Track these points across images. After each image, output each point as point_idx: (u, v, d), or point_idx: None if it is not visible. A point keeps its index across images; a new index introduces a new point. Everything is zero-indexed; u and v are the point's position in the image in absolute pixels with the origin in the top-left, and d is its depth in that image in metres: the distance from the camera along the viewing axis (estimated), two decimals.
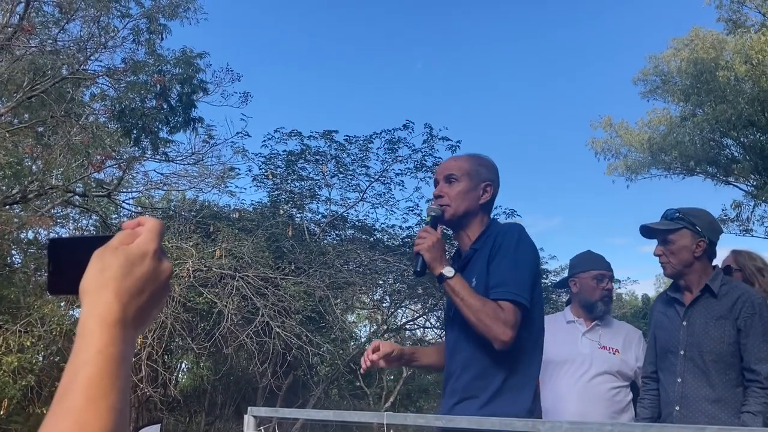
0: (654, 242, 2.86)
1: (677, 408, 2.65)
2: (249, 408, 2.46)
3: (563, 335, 3.27)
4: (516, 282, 2.12)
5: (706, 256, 2.75)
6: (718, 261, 3.71)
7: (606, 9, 43.03)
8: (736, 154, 17.29)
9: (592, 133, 20.22)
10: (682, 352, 2.70)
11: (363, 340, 14.18)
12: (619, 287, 17.05)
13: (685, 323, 2.73)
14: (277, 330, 8.14)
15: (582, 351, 3.24)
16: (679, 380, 2.68)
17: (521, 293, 2.09)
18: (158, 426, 8.36)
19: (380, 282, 11.11)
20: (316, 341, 8.55)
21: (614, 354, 3.20)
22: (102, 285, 0.70)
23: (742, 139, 16.55)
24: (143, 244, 0.75)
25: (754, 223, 17.66)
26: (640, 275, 26.37)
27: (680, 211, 2.78)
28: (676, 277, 2.81)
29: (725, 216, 17.80)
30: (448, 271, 2.15)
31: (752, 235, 17.79)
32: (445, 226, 2.46)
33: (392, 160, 10.72)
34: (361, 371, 2.47)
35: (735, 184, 17.91)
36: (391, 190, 11.04)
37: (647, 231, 2.84)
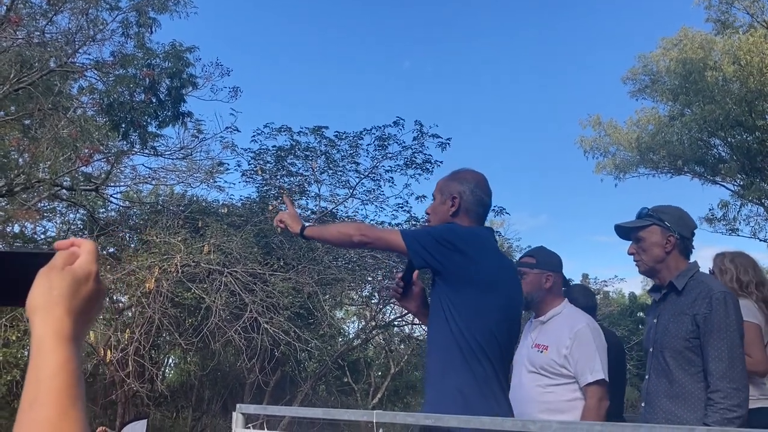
0: None
1: (643, 404, 2.71)
2: (237, 405, 2.45)
3: (521, 337, 3.31)
4: (416, 230, 2.38)
5: (678, 251, 2.75)
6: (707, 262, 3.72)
7: (596, 8, 43.15)
8: (723, 154, 17.39)
9: (581, 132, 20.30)
10: (650, 350, 2.74)
11: (351, 336, 14.19)
12: (606, 285, 17.14)
13: (655, 321, 2.76)
14: (266, 326, 8.11)
15: (522, 351, 3.23)
16: (647, 377, 2.73)
17: (410, 230, 2.36)
18: (145, 421, 8.31)
19: (369, 278, 11.11)
20: (305, 337, 8.53)
21: (542, 352, 3.14)
22: (53, 303, 0.75)
23: (729, 140, 16.64)
24: (87, 266, 0.80)
25: (740, 222, 17.80)
26: (628, 273, 26.59)
27: (651, 209, 2.81)
28: (650, 275, 2.84)
29: (712, 215, 17.95)
30: (300, 228, 2.58)
31: (738, 235, 17.93)
32: None
33: (382, 157, 10.70)
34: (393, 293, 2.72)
35: (722, 183, 18.03)
36: (380, 186, 11.02)
37: (620, 230, 2.87)
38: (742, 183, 16.96)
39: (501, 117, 45.20)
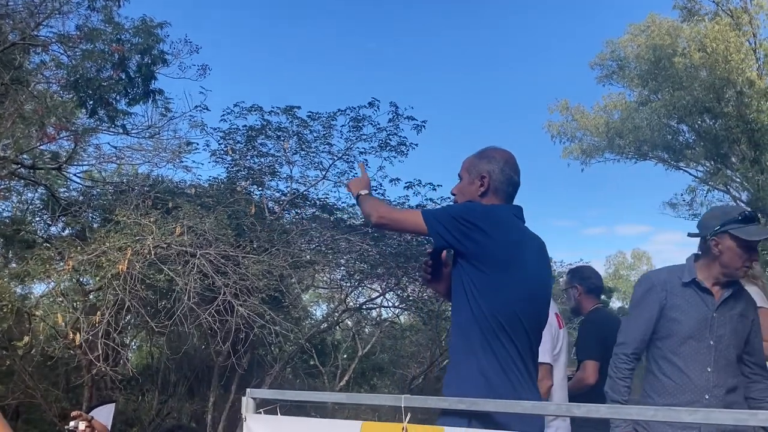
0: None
1: (707, 396, 2.74)
2: (247, 390, 2.37)
3: None
4: (436, 210, 2.59)
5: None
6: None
7: None
8: (690, 140, 17.73)
9: (549, 117, 20.47)
10: (712, 343, 2.78)
11: (320, 318, 14.14)
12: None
13: (714, 315, 2.80)
14: (240, 308, 7.99)
15: None
16: (710, 369, 2.76)
17: (430, 210, 2.60)
18: (112, 405, 8.10)
19: (342, 261, 11.02)
20: (279, 320, 8.43)
21: None
22: None
23: (696, 126, 16.95)
24: None
25: (707, 207, 18.21)
26: (589, 256, 27.19)
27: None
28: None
29: (676, 201, 18.36)
30: (363, 191, 2.68)
31: None
32: None
33: (356, 139, 10.56)
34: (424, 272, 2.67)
35: (685, 169, 18.42)
36: (353, 168, 10.88)
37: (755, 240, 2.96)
38: (706, 169, 17.35)
39: (468, 101, 45.43)
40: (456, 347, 2.34)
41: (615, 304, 21.11)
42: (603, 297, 21.79)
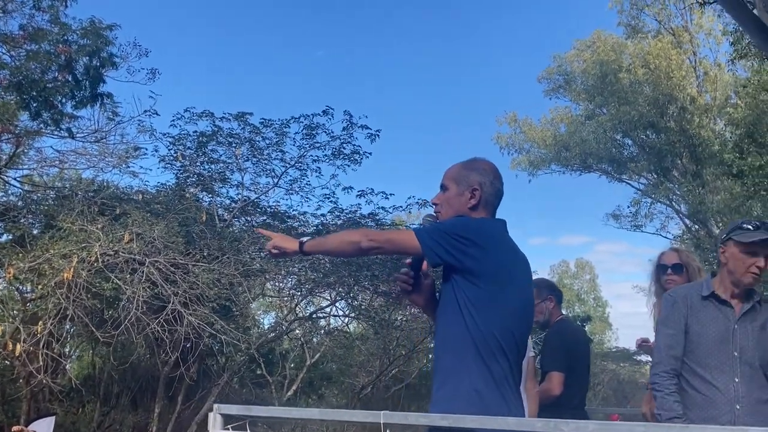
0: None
1: (738, 407, 2.78)
2: (215, 405, 2.28)
3: None
4: (428, 228, 2.43)
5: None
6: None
7: (515, 7, 44.33)
8: (633, 153, 18.25)
9: (498, 129, 20.84)
10: (736, 354, 2.82)
11: (269, 327, 13.94)
12: None
13: (736, 327, 2.85)
14: (190, 318, 7.81)
15: None
16: (737, 380, 2.80)
17: (421, 229, 2.41)
18: (52, 418, 7.79)
19: (293, 269, 10.89)
20: (230, 329, 8.27)
21: None
22: None
23: (640, 140, 17.45)
24: None
25: (651, 219, 18.83)
26: (534, 266, 27.54)
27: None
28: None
29: (620, 212, 18.89)
30: (298, 244, 2.46)
31: (642, 231, 18.93)
32: None
33: (310, 146, 10.48)
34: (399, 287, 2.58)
35: (628, 182, 18.97)
36: (306, 176, 10.81)
37: None
38: (648, 182, 17.89)
39: (418, 112, 45.73)
40: (446, 364, 2.30)
41: None
42: None
